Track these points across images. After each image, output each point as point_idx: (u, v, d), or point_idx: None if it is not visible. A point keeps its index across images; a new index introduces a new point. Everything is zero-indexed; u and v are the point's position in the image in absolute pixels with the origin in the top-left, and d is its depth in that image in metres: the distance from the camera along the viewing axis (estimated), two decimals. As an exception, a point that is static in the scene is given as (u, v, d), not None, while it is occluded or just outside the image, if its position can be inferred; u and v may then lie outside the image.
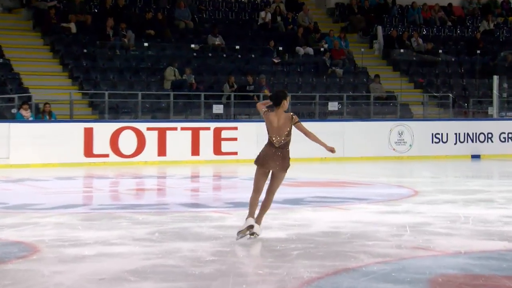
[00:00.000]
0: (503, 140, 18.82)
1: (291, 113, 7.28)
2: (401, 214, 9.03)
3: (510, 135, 18.80)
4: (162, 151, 16.47)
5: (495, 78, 20.36)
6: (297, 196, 10.87)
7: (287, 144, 7.26)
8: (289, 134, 7.22)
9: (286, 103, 7.14)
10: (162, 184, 13.47)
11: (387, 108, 20.62)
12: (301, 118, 19.58)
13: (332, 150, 7.26)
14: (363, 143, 17.65)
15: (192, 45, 21.09)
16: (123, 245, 7.00)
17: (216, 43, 21.58)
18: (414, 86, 22.84)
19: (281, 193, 11.31)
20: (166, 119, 17.77)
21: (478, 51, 23.81)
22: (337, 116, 19.44)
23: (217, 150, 16.83)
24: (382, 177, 14.42)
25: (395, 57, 23.68)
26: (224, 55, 21.42)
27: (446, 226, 8.10)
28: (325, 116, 19.44)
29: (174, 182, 13.51)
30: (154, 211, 9.33)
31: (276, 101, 7.21)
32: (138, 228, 7.96)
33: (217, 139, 16.83)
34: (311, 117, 19.32)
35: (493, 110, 20.20)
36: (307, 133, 7.24)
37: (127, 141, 16.25)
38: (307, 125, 7.66)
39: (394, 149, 18.14)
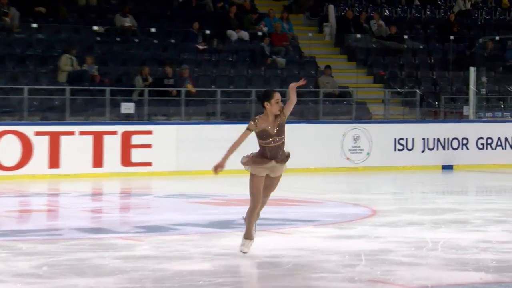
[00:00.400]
0: (480, 147, 19.29)
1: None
2: (356, 239, 9.15)
3: (489, 141, 19.27)
4: (54, 161, 16.25)
5: (472, 70, 20.83)
6: (225, 218, 10.88)
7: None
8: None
9: (268, 106, 7.78)
10: (54, 203, 13.31)
11: (340, 107, 20.85)
12: (234, 120, 19.67)
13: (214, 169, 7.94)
14: (309, 150, 17.81)
15: (95, 27, 20.88)
16: (1, 283, 6.88)
17: (126, 24, 21.42)
18: (373, 80, 23.19)
19: (204, 213, 11.39)
20: (61, 121, 17.54)
21: (452, 37, 24.35)
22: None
23: (126, 160, 16.71)
24: (332, 193, 14.56)
25: (350, 43, 24.00)
26: (136, 40, 21.27)
27: (410, 254, 8.24)
28: (263, 117, 19.53)
29: (69, 201, 13.36)
30: (42, 239, 9.22)
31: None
32: (21, 260, 7.84)
33: (126, 146, 16.71)
34: (245, 118, 19.34)
35: (469, 110, 20.65)
36: None
37: (9, 149, 15.95)
38: (242, 127, 7.79)
39: (348, 158, 18.36)
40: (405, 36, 24.38)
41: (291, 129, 17.92)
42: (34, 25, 20.32)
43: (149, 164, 16.82)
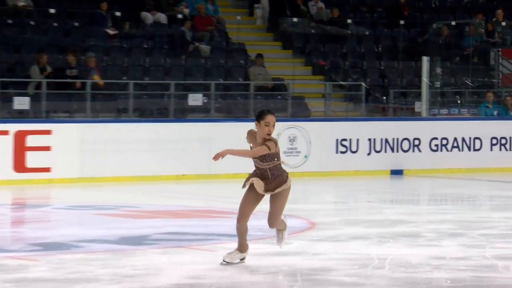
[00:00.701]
0: (434, 148, 19.54)
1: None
2: (291, 256, 9.19)
3: (444, 142, 19.56)
4: None
5: (425, 60, 21.08)
6: (138, 233, 10.80)
7: None
8: None
9: (257, 127, 8.31)
10: None
11: (274, 102, 20.92)
12: (149, 117, 19.51)
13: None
14: (238, 153, 17.81)
15: (-19, 7, 20.61)
16: None
17: (20, 4, 21.15)
18: (312, 71, 23.34)
19: (113, 227, 11.30)
20: None
21: (402, 22, 24.64)
22: (202, 114, 19.52)
23: (20, 165, 16.50)
24: (264, 203, 14.57)
25: (285, 29, 24.10)
26: (32, 23, 21.02)
27: (353, 273, 8.31)
28: (183, 114, 19.47)
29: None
30: None
31: None
32: None
33: (20, 149, 16.51)
34: (163, 115, 19.31)
35: (422, 105, 20.92)
36: None
37: None
38: (158, 126, 7.79)
39: (283, 162, 18.32)
40: (349, 21, 24.59)
41: (217, 128, 18.12)
42: None
43: (47, 169, 16.64)
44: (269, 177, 8.40)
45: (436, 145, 19.46)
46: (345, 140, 18.81)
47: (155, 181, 16.71)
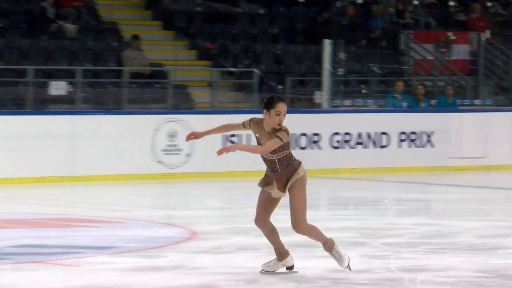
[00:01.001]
0: (335, 145, 19.75)
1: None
2: (167, 272, 9.18)
3: (346, 138, 19.80)
4: None
5: (327, 44, 21.28)
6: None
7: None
8: None
9: (266, 116, 8.66)
10: None
11: (151, 91, 20.86)
12: (2, 110, 19.20)
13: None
14: (108, 151, 17.71)
15: None
16: None
17: None
18: (197, 55, 23.34)
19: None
20: None
21: (302, -1, 24.88)
22: (65, 106, 19.31)
23: None
24: (138, 210, 14.54)
25: (166, 6, 24.04)
26: None
27: (241, 290, 8.37)
28: (44, 105, 19.24)
29: None
30: None
31: None
32: None
33: None
34: (19, 107, 19.03)
35: (322, 96, 21.10)
36: None
37: None
38: (13, 119, 7.63)
39: (161, 162, 18.36)
40: (240, -3, 24.72)
41: (82, 122, 17.92)
42: None
43: None
44: (278, 168, 8.73)
45: (338, 141, 19.66)
46: (234, 135, 18.84)
47: (7, 184, 16.46)
